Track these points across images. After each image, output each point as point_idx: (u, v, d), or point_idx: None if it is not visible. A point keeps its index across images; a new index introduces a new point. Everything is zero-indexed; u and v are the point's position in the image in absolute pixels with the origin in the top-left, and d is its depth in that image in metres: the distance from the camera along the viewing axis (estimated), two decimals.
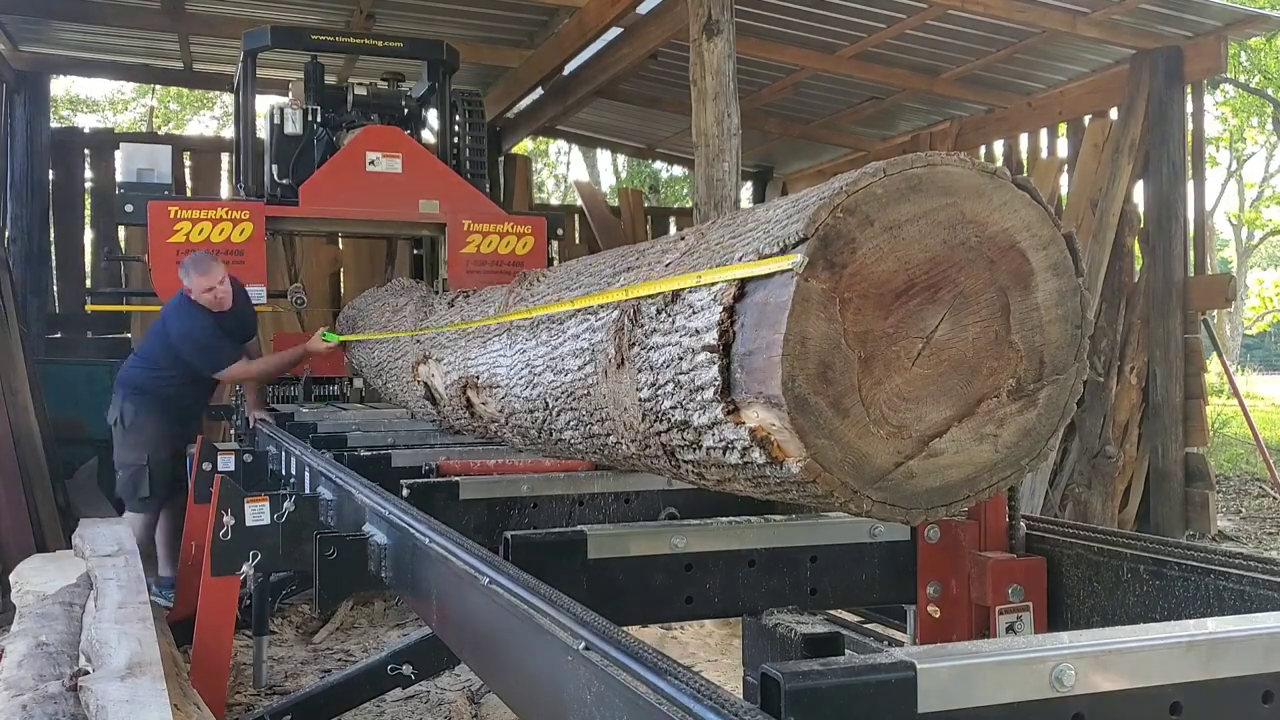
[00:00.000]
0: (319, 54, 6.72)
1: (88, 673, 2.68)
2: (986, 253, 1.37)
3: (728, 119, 5.39)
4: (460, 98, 7.03)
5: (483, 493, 2.64)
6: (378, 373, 4.71)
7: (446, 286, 6.20)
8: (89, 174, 9.63)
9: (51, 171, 9.30)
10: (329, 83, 7.05)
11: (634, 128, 10.89)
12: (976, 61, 7.93)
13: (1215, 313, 10.18)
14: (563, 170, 24.00)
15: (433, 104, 7.08)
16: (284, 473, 3.91)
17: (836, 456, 1.33)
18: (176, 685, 2.97)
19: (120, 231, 9.25)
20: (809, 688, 1.01)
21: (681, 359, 1.57)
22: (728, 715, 1.00)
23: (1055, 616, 1.91)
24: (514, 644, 1.54)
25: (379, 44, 6.93)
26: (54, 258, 9.39)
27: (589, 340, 2.01)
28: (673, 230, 8.96)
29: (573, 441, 2.29)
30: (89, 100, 20.14)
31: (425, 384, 3.65)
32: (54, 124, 10.57)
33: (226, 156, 9.82)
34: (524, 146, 12.40)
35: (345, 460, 3.18)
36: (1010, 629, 1.89)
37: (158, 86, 18.45)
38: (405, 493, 2.53)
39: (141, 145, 7.60)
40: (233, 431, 6.35)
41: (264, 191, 6.49)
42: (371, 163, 6.28)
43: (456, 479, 2.72)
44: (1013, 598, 1.90)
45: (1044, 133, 8.50)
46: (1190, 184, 7.20)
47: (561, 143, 19.35)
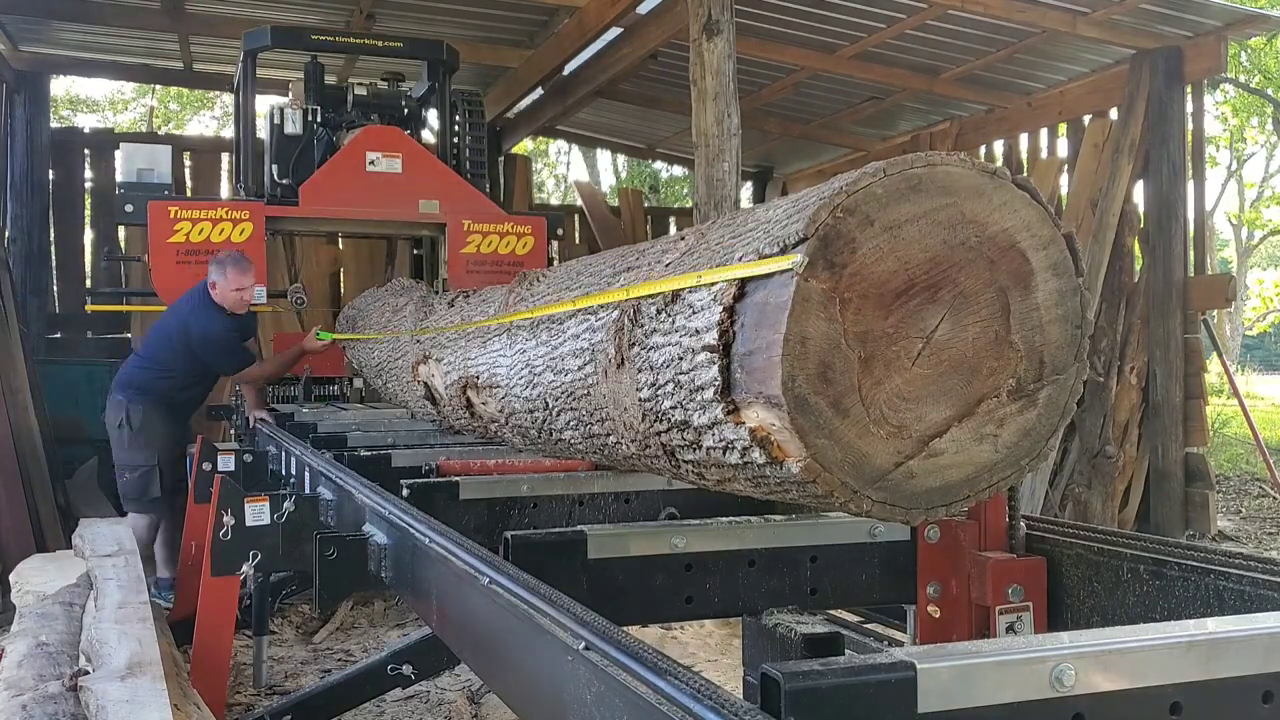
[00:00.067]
0: (319, 54, 6.72)
1: (88, 673, 2.68)
2: (986, 253, 1.37)
3: (728, 119, 5.39)
4: (460, 98, 7.03)
5: (483, 493, 2.64)
6: (378, 373, 4.71)
7: (446, 286, 6.19)
8: (89, 174, 9.62)
9: (51, 171, 9.29)
10: (329, 83, 7.05)
11: (634, 128, 10.89)
12: (976, 61, 7.93)
13: (1215, 313, 10.18)
14: (563, 170, 24.01)
15: (433, 104, 7.08)
16: (284, 473, 3.91)
17: (836, 456, 1.33)
18: (176, 685, 2.96)
19: (120, 231, 9.25)
20: (809, 688, 1.01)
21: (681, 359, 1.57)
22: (728, 715, 1.00)
23: (1055, 616, 1.91)
24: (514, 644, 1.54)
25: (379, 44, 6.93)
26: (54, 258, 9.39)
27: (589, 340, 2.01)
28: (673, 230, 8.96)
29: (573, 441, 2.29)
30: (89, 100, 20.14)
31: (425, 384, 3.65)
32: (54, 124, 10.58)
33: (226, 156, 9.82)
34: (524, 146, 12.40)
35: (345, 460, 3.19)
36: (1010, 629, 1.89)
37: (158, 86, 18.45)
38: (405, 493, 2.53)
39: (141, 145, 7.58)
40: (233, 431, 6.37)
41: (264, 191, 6.49)
42: (371, 163, 6.27)
43: (456, 479, 2.72)
44: (1013, 598, 1.90)
45: (1044, 133, 8.50)
46: (1190, 184, 7.20)
47: (561, 143, 19.35)
